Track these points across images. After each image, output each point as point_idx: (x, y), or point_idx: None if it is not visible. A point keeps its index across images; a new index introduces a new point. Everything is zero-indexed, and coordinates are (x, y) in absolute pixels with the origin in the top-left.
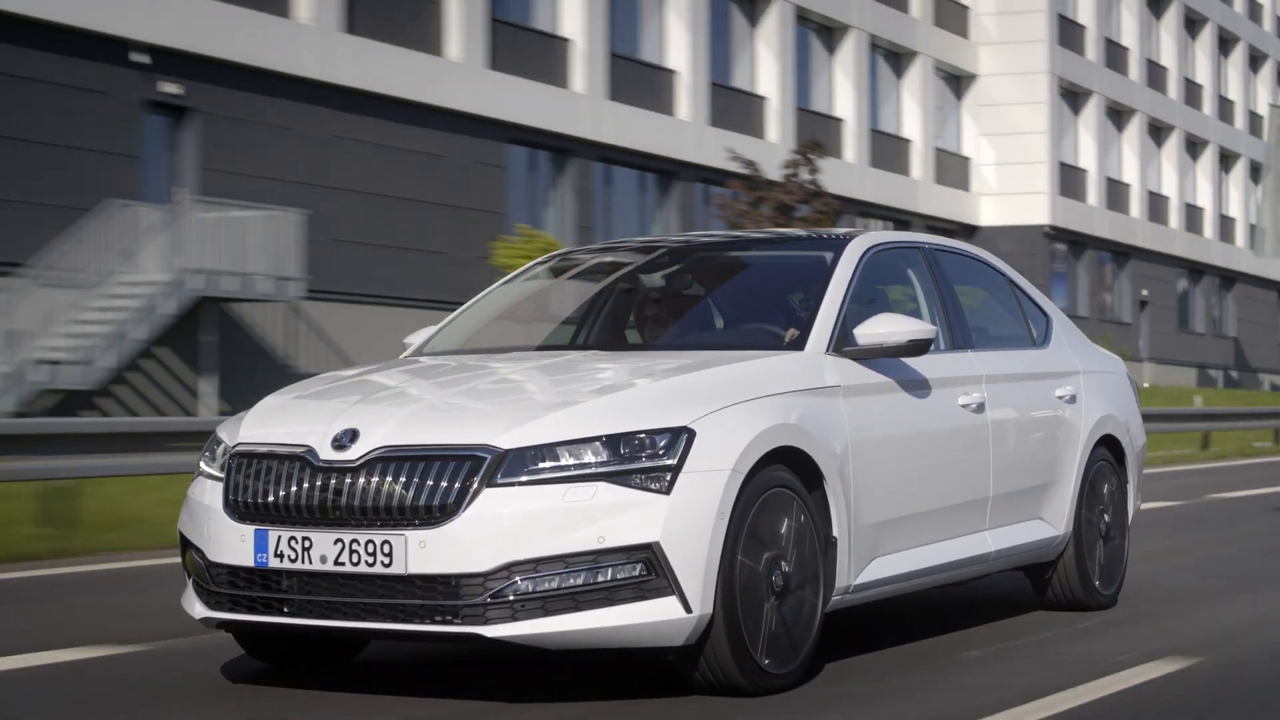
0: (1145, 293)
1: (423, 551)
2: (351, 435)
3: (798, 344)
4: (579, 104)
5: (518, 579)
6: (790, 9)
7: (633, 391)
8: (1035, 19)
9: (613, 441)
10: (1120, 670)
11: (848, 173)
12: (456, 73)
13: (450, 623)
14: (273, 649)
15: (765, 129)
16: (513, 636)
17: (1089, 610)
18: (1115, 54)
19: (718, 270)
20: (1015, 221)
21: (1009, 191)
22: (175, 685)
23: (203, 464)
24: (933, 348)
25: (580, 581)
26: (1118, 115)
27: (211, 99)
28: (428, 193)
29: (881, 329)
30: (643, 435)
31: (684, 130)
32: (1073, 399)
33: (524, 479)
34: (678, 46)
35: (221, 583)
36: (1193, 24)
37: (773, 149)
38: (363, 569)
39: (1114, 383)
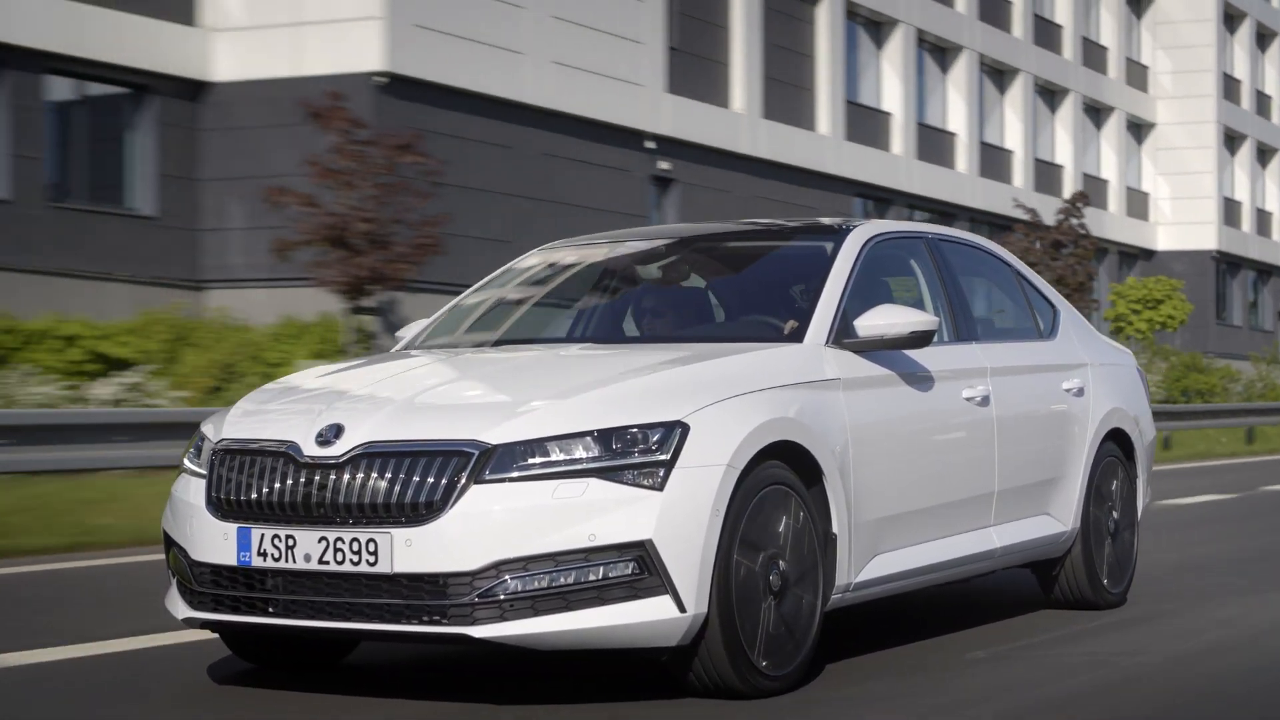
0: None
1: (409, 550)
2: (336, 430)
3: (797, 336)
4: (897, 164)
5: (507, 578)
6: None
7: (625, 385)
8: (1205, 77)
9: (604, 436)
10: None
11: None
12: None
13: (438, 623)
14: (259, 650)
15: (1011, 178)
16: (501, 637)
17: (1097, 609)
18: (1263, 102)
19: (716, 261)
20: (1186, 247)
21: (1181, 221)
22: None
23: (186, 460)
24: (936, 339)
25: (571, 580)
26: (1264, 155)
27: (688, 172)
28: None
29: (883, 320)
30: (635, 430)
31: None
32: (1080, 392)
33: (513, 475)
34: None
35: (205, 582)
36: None
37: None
38: (348, 568)
39: (1123, 375)
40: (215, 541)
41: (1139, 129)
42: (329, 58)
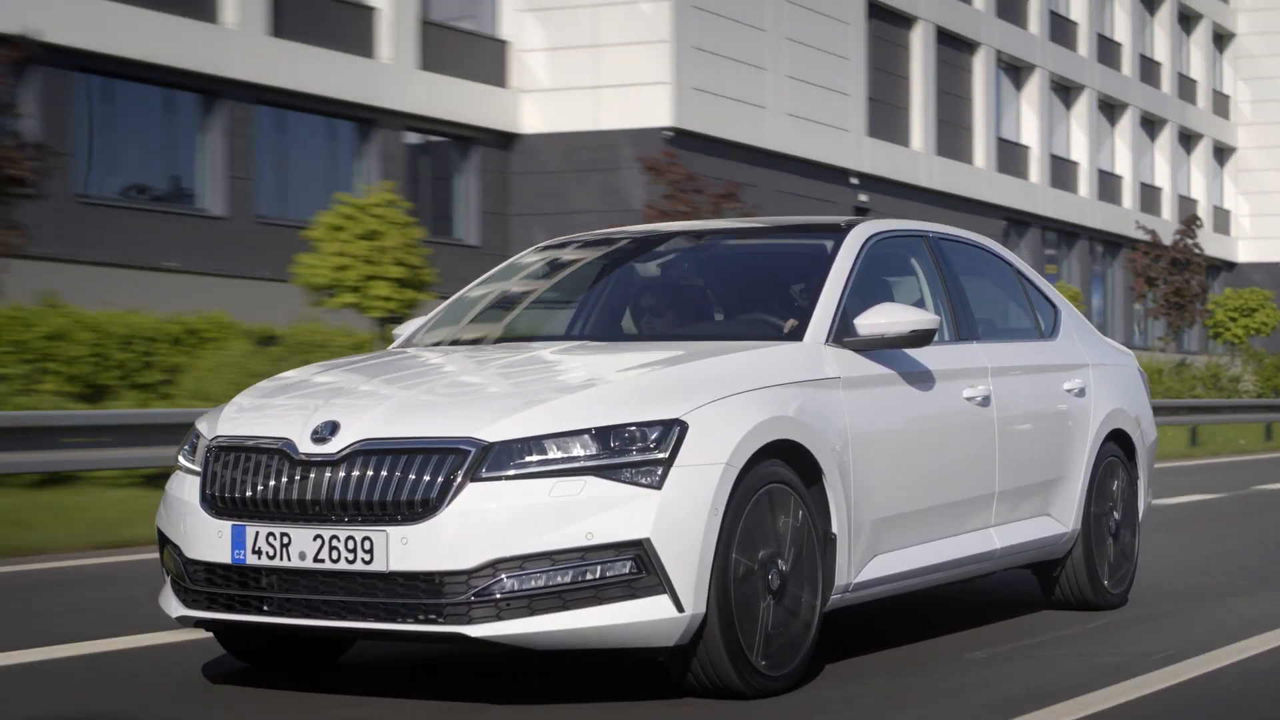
0: None
1: (405, 548)
2: (331, 428)
3: (796, 334)
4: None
5: (503, 577)
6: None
7: (623, 383)
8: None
9: (602, 434)
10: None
11: (1165, 228)
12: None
13: (433, 622)
14: (254, 649)
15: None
16: (498, 636)
17: (1098, 610)
18: None
19: (716, 259)
20: (1266, 259)
21: (1260, 236)
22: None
23: (181, 458)
24: (937, 339)
25: (568, 579)
26: None
27: (881, 204)
28: None
29: (883, 319)
30: (633, 428)
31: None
32: (1081, 392)
33: (510, 473)
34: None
35: (199, 580)
36: None
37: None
38: (343, 566)
39: (1124, 376)
40: (210, 539)
41: (1222, 153)
42: (622, 114)
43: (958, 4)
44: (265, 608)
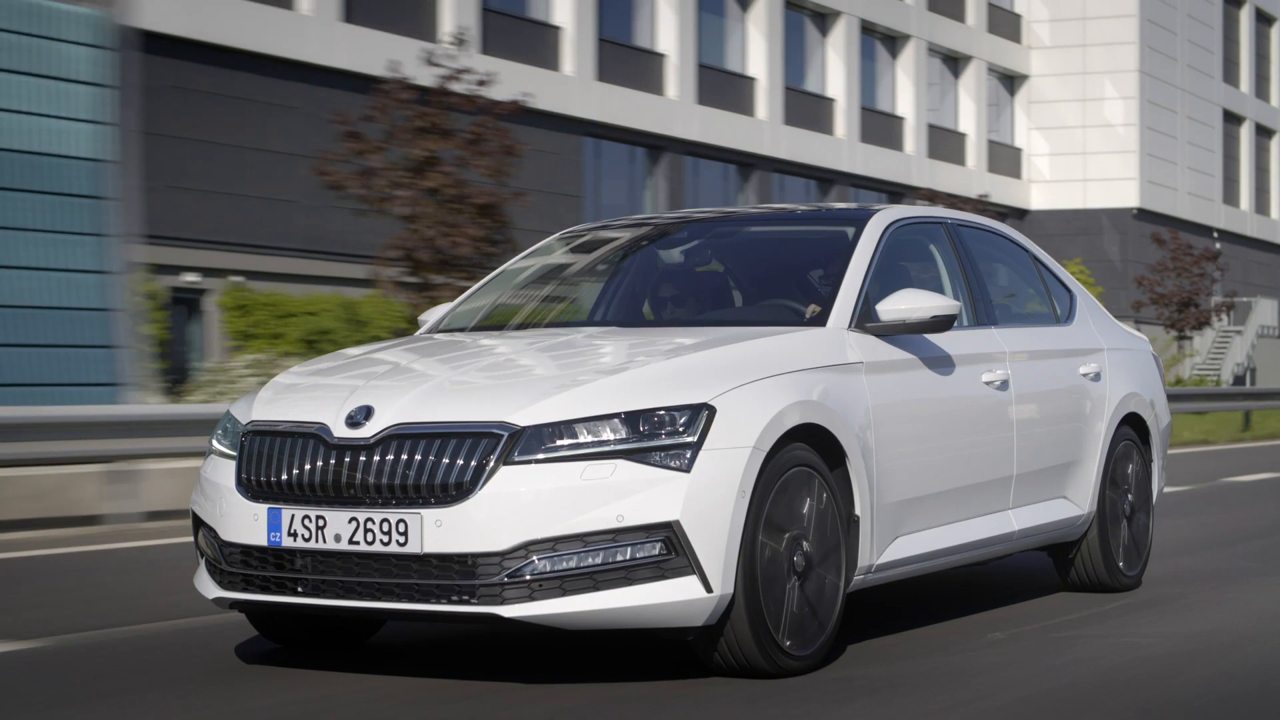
0: None
1: (439, 530)
2: (366, 412)
3: (819, 320)
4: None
5: (535, 558)
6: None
7: (652, 368)
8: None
9: (632, 418)
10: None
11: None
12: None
13: (467, 602)
14: (286, 630)
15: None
16: (530, 617)
17: (1113, 592)
18: None
19: (737, 246)
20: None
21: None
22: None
23: (215, 442)
24: (956, 324)
25: (599, 561)
26: None
27: None
28: None
29: (904, 304)
30: (662, 412)
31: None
32: (1097, 376)
33: (541, 457)
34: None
35: (234, 562)
36: None
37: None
38: (378, 548)
39: (1139, 361)
40: (245, 522)
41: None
42: (1102, 198)
43: None
44: (300, 589)
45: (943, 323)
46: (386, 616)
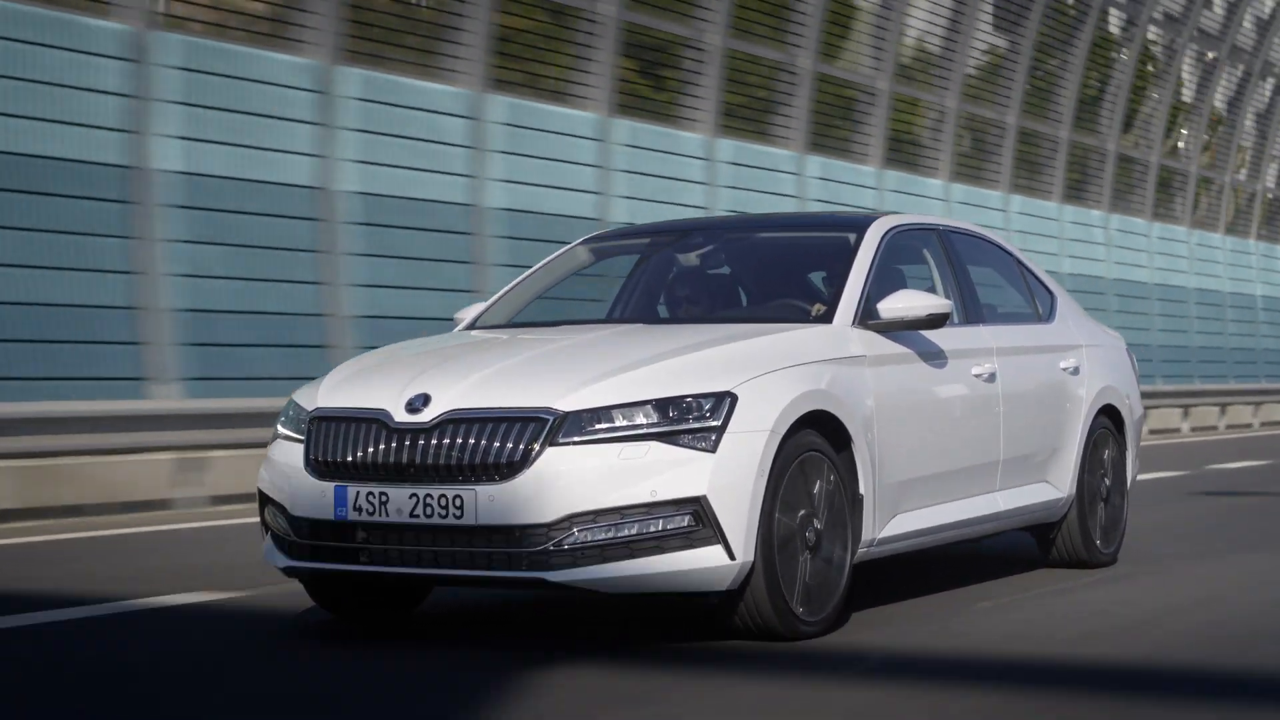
0: None
1: (491, 505)
2: (424, 399)
3: (825, 317)
4: None
5: (577, 529)
6: None
7: (679, 360)
8: None
9: (662, 405)
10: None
11: None
12: None
13: (517, 568)
14: (340, 597)
15: None
16: (574, 581)
17: (1090, 567)
18: None
19: (746, 250)
20: None
21: None
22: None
23: (280, 427)
24: (948, 322)
25: (634, 531)
26: None
27: None
28: None
29: (903, 304)
30: (690, 399)
31: None
32: (1076, 370)
33: (582, 438)
34: None
35: (303, 534)
36: None
37: None
38: (436, 521)
39: (1114, 356)
40: (314, 499)
41: None
42: None
43: None
44: (364, 558)
45: (937, 320)
46: (444, 582)
